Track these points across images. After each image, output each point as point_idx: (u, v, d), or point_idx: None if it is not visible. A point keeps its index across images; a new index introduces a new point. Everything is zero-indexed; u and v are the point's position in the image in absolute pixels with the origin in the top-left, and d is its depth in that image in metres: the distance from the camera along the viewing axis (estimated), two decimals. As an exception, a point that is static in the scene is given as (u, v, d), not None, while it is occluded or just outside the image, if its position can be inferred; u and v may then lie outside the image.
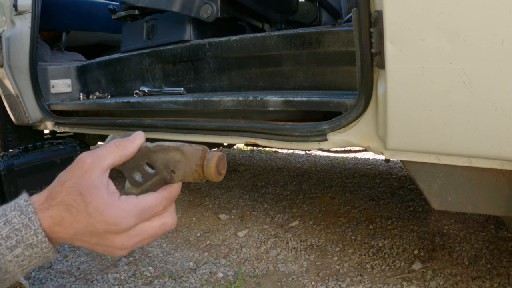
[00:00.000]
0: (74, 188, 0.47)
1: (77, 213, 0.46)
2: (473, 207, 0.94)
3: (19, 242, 0.47)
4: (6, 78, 2.05)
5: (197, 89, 1.69)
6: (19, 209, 0.47)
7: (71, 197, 0.47)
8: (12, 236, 0.46)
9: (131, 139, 0.52)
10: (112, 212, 0.46)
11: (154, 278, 1.43)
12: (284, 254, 1.53)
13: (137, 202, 0.49)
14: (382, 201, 1.94)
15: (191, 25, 1.71)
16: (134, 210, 0.48)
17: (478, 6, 0.73)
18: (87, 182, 0.47)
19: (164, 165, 0.51)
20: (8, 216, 0.47)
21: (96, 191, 0.47)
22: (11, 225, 0.47)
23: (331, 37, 1.26)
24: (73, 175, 0.48)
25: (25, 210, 0.47)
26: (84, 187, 0.47)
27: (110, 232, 0.47)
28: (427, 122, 0.84)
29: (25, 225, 0.47)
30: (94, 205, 0.46)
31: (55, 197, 0.48)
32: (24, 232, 0.47)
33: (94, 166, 0.48)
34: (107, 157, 0.50)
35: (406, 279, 1.30)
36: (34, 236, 0.47)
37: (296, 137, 1.13)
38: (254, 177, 2.55)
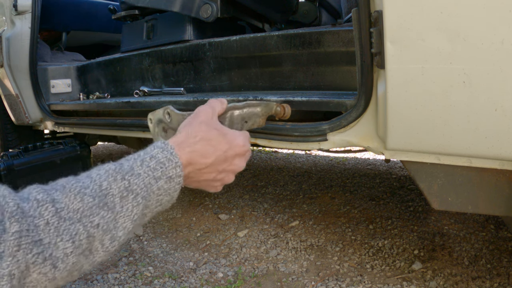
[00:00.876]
0: (211, 127, 0.62)
1: (217, 143, 0.60)
2: (473, 207, 0.94)
3: (163, 174, 0.54)
4: (6, 78, 2.05)
5: (197, 89, 1.69)
6: (160, 148, 0.56)
7: (209, 133, 0.60)
8: (157, 168, 0.54)
9: (223, 100, 0.71)
10: (241, 138, 0.64)
11: (154, 278, 1.43)
12: (284, 254, 1.53)
13: (246, 133, 0.67)
14: (382, 201, 1.94)
15: (191, 25, 1.71)
16: (247, 137, 0.67)
17: (478, 6, 0.73)
18: (215, 122, 0.64)
19: (241, 118, 0.74)
20: (152, 153, 0.55)
21: (224, 127, 0.64)
22: (156, 159, 0.54)
23: (331, 37, 1.26)
24: (204, 119, 0.63)
25: (166, 148, 0.56)
26: (216, 125, 0.63)
27: (238, 155, 0.64)
28: (427, 122, 0.84)
29: (168, 159, 0.55)
30: (229, 136, 0.63)
31: (195, 135, 0.59)
32: (168, 165, 0.55)
33: (214, 113, 0.66)
34: (216, 107, 0.68)
35: (406, 279, 1.30)
36: (174, 169, 0.55)
37: (296, 137, 1.13)
38: (254, 177, 2.55)
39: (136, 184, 0.51)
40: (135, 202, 0.51)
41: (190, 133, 0.59)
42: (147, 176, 0.53)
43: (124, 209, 0.50)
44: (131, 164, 0.53)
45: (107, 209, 0.49)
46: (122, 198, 0.50)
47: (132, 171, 0.52)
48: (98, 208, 0.48)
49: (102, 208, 0.49)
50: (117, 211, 0.50)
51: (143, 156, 0.55)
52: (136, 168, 0.53)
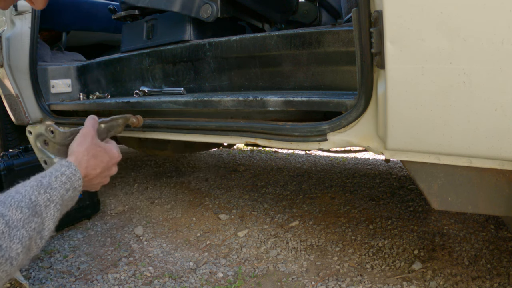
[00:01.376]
0: (96, 145, 0.85)
1: (101, 157, 0.85)
2: (473, 207, 0.94)
3: (71, 186, 0.75)
4: (6, 78, 2.05)
5: (197, 89, 1.69)
6: (66, 166, 0.77)
7: (96, 149, 0.84)
8: (67, 182, 0.75)
9: (92, 117, 0.92)
10: (114, 150, 0.90)
11: (154, 278, 1.43)
12: (284, 254, 1.53)
13: (114, 142, 0.93)
14: (382, 201, 1.94)
15: (191, 25, 1.71)
16: (117, 146, 0.92)
17: (478, 6, 0.73)
18: (97, 141, 0.87)
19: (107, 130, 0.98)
20: (62, 170, 0.76)
21: (104, 144, 0.89)
22: (65, 175, 0.75)
23: (331, 37, 1.26)
24: (90, 139, 0.85)
25: (70, 166, 0.77)
26: (99, 143, 0.87)
27: (113, 164, 0.90)
28: (427, 122, 0.84)
29: (73, 174, 0.76)
30: (108, 150, 0.88)
31: (88, 153, 0.82)
32: (73, 179, 0.76)
33: (95, 132, 0.89)
34: (95, 126, 0.91)
35: (406, 279, 1.30)
36: (77, 181, 0.77)
37: (296, 137, 1.13)
38: (254, 177, 2.55)
39: (55, 196, 0.71)
40: (55, 209, 0.70)
41: (84, 152, 0.82)
42: (61, 189, 0.72)
43: (48, 215, 0.68)
44: (48, 180, 0.72)
45: (38, 216, 0.66)
46: (46, 207, 0.69)
47: (50, 186, 0.71)
48: (32, 216, 0.65)
49: (34, 216, 0.66)
50: (44, 216, 0.68)
51: (55, 173, 0.74)
52: (52, 183, 0.72)
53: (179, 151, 2.28)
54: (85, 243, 1.76)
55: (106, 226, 1.93)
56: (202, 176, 2.64)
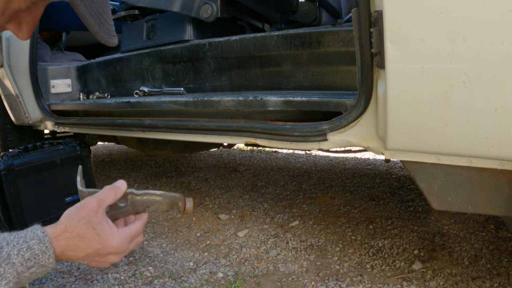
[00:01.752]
0: (89, 225, 0.67)
1: (90, 242, 0.66)
2: (473, 207, 0.94)
3: (35, 263, 0.63)
4: (6, 78, 2.05)
5: (197, 89, 1.69)
6: (38, 239, 0.64)
7: (86, 231, 0.66)
8: (31, 259, 0.63)
9: (118, 186, 0.74)
10: (116, 241, 0.69)
11: (154, 278, 1.43)
12: (284, 254, 1.53)
13: (129, 231, 0.72)
14: (382, 201, 1.94)
15: (191, 25, 1.71)
16: (128, 237, 0.71)
17: (478, 6, 0.73)
18: (97, 220, 0.67)
19: (141, 203, 0.77)
20: (29, 243, 0.63)
21: (103, 227, 0.68)
22: (32, 250, 0.63)
23: (331, 37, 1.26)
24: (85, 214, 0.67)
25: (43, 240, 0.64)
26: (95, 223, 0.67)
27: (111, 254, 0.69)
28: (427, 122, 0.84)
29: (43, 252, 0.64)
30: (104, 236, 0.67)
31: (72, 231, 0.66)
32: (41, 257, 0.64)
33: (100, 208, 0.69)
34: (106, 200, 0.71)
35: (406, 279, 1.30)
36: (47, 259, 0.64)
37: (296, 137, 1.13)
38: (254, 177, 2.55)
39: (9, 273, 0.61)
40: (6, 286, 0.61)
41: (68, 227, 0.66)
42: (20, 265, 0.62)
43: None
44: (9, 251, 0.62)
45: None
46: None
47: (8, 259, 0.61)
48: None
49: None
50: None
51: (21, 244, 0.63)
52: (12, 256, 0.62)
53: (179, 151, 2.28)
54: (85, 243, 1.76)
55: (106, 226, 1.93)
56: (202, 176, 2.64)
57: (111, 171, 2.94)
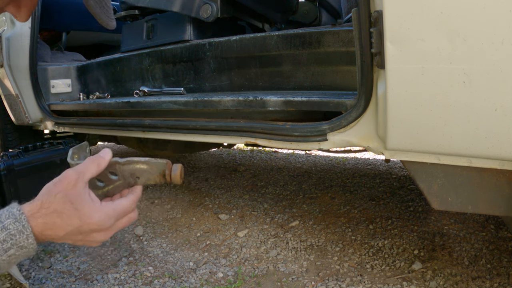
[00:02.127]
0: (66, 199, 0.58)
1: (68, 218, 0.58)
2: (473, 207, 0.94)
3: (13, 244, 0.56)
4: (6, 78, 2.05)
5: (197, 89, 1.69)
6: (13, 217, 0.57)
7: (63, 206, 0.58)
8: (7, 240, 0.56)
9: (102, 155, 0.64)
10: (97, 216, 0.60)
11: (154, 278, 1.43)
12: (284, 254, 1.53)
13: (115, 206, 0.63)
14: (382, 201, 1.94)
15: (191, 25, 1.71)
16: (113, 213, 0.62)
17: (478, 6, 0.73)
18: (75, 193, 0.59)
19: (130, 173, 0.68)
20: (4, 223, 0.56)
21: (83, 200, 0.59)
22: (7, 230, 0.56)
23: (331, 37, 1.26)
24: (63, 188, 0.59)
25: (19, 218, 0.57)
26: (73, 197, 0.59)
27: (95, 231, 0.61)
28: (427, 122, 0.84)
29: (19, 231, 0.56)
30: (83, 211, 0.59)
31: (48, 206, 0.58)
32: (18, 237, 0.56)
33: (79, 180, 0.60)
34: (87, 171, 0.62)
35: (406, 279, 1.30)
36: (26, 239, 0.57)
37: (296, 137, 1.13)
38: (254, 177, 2.55)
39: None
40: None
41: (44, 203, 0.59)
42: None
43: None
44: None
45: None
46: None
47: None
48: None
49: None
50: None
51: None
52: None
53: (179, 151, 2.28)
54: (85, 243, 1.76)
55: (106, 226, 1.93)
56: (202, 176, 2.64)
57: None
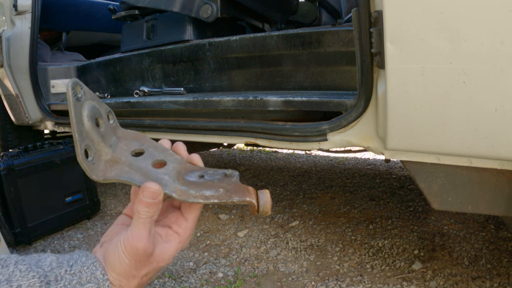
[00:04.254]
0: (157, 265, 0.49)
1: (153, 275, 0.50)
2: (473, 207, 0.94)
3: None
4: (6, 78, 2.05)
5: (197, 89, 1.69)
6: (96, 282, 0.47)
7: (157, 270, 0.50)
8: None
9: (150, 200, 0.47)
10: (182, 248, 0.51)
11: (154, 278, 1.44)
12: (284, 254, 1.53)
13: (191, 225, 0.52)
14: (382, 201, 1.93)
15: (191, 25, 1.71)
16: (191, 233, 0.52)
17: (478, 6, 0.73)
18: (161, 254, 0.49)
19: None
20: (84, 287, 0.46)
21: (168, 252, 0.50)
22: None
23: (331, 37, 1.26)
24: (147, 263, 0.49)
25: (102, 285, 0.47)
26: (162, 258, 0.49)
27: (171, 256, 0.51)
28: (427, 122, 0.84)
29: None
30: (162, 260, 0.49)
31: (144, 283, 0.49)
32: None
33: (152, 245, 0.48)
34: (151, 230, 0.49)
35: (406, 279, 1.30)
36: None
37: (296, 137, 1.13)
38: (254, 177, 2.55)
39: None
40: None
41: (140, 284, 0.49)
42: None
43: None
44: None
45: None
46: None
47: None
48: None
49: None
50: None
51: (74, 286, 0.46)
52: None
53: (179, 151, 2.27)
54: (85, 243, 1.76)
55: (106, 226, 1.93)
56: (202, 176, 2.64)
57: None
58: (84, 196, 1.98)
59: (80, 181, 1.97)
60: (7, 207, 1.69)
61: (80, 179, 1.97)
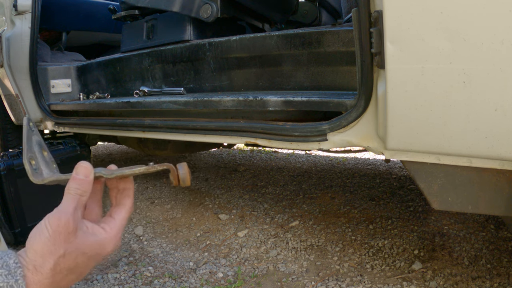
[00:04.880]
0: (76, 253, 0.50)
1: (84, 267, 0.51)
2: (473, 207, 0.94)
3: None
4: (6, 78, 2.05)
5: (197, 89, 1.69)
6: (7, 269, 0.47)
7: (75, 261, 0.50)
8: None
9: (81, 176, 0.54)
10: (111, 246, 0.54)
11: (154, 278, 1.43)
12: (284, 254, 1.53)
13: (119, 224, 0.56)
14: (382, 201, 1.94)
15: (191, 25, 1.71)
16: (119, 231, 0.56)
17: (478, 6, 0.73)
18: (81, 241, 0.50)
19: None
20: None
21: (92, 243, 0.51)
22: None
23: (331, 37, 1.26)
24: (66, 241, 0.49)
25: (14, 272, 0.47)
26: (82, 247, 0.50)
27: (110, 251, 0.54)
28: (427, 122, 0.84)
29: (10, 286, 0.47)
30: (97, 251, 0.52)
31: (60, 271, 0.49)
32: None
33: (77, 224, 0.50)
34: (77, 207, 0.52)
35: (406, 279, 1.30)
36: None
37: (296, 137, 1.13)
38: (254, 177, 2.55)
39: None
40: None
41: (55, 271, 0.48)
42: None
43: None
44: None
45: None
46: None
47: None
48: None
49: None
50: None
51: None
52: None
53: (179, 151, 2.28)
54: (85, 243, 1.76)
55: (106, 226, 1.93)
56: (202, 176, 2.64)
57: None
58: (84, 196, 1.98)
59: (80, 181, 1.96)
60: (7, 207, 1.69)
61: (80, 179, 1.96)
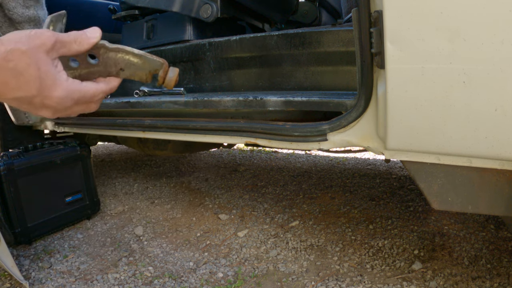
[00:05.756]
0: (33, 60, 0.46)
1: (25, 84, 0.47)
2: (473, 207, 0.94)
3: None
4: (6, 78, 2.05)
5: (197, 89, 1.69)
6: None
7: (27, 67, 0.46)
8: None
9: (89, 34, 0.53)
10: (59, 93, 0.49)
11: (154, 278, 1.43)
12: (284, 254, 1.53)
13: (81, 88, 0.52)
14: (382, 201, 1.94)
15: (191, 25, 1.71)
16: (76, 94, 0.52)
17: (478, 6, 0.73)
18: (46, 59, 0.48)
19: (114, 62, 0.58)
20: None
21: (50, 70, 0.48)
22: None
23: (331, 37, 1.26)
24: (35, 46, 0.47)
25: None
26: (42, 62, 0.47)
27: (46, 106, 0.50)
28: (427, 122, 0.84)
29: None
30: (46, 82, 0.48)
31: (9, 59, 0.45)
32: None
33: (55, 48, 0.49)
34: (66, 45, 0.51)
35: (406, 279, 1.30)
36: None
37: (296, 137, 1.13)
38: (254, 177, 2.55)
39: None
40: None
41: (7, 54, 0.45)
42: None
43: None
44: None
45: None
46: None
47: None
48: None
49: None
50: None
51: None
52: None
53: (179, 151, 2.28)
54: (85, 243, 1.76)
55: (106, 226, 1.93)
56: (202, 176, 2.64)
57: (111, 171, 2.94)
58: (84, 196, 1.98)
59: (80, 181, 1.97)
60: (7, 207, 1.69)
61: (80, 179, 1.97)
